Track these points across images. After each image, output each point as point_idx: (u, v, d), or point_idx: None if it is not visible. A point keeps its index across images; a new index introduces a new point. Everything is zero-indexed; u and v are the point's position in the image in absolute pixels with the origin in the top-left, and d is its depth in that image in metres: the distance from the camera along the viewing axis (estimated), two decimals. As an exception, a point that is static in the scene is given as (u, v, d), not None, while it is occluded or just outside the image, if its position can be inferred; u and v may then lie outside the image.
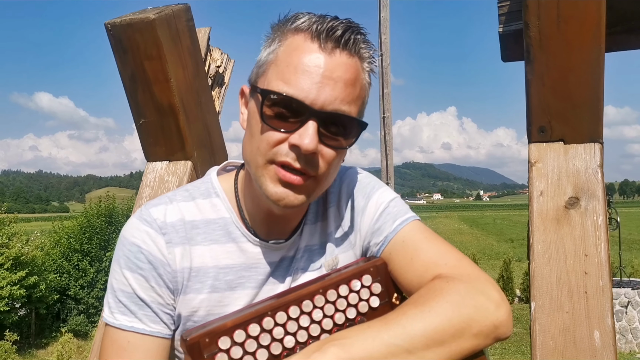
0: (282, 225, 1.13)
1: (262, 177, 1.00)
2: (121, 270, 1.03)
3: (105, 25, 1.51)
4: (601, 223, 1.25)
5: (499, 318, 0.94)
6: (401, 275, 1.08)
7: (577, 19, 1.20)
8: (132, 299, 1.01)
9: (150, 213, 1.06)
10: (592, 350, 1.15)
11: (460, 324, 0.91)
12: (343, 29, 0.96)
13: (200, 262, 1.06)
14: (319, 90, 0.94)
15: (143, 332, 1.01)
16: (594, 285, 1.20)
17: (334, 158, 1.01)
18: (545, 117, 1.33)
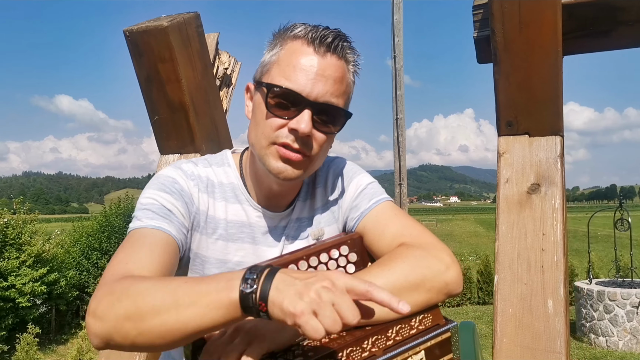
0: (278, 200, 1.33)
1: (265, 156, 1.21)
2: (153, 191, 1.20)
3: (124, 32, 1.71)
4: (558, 206, 1.41)
5: (449, 277, 1.13)
6: (373, 244, 1.28)
7: (536, 25, 1.36)
8: (161, 210, 1.17)
9: (182, 165, 1.28)
10: (546, 316, 1.31)
11: (416, 281, 1.10)
12: (333, 37, 1.18)
13: (214, 212, 1.27)
14: (313, 85, 1.16)
15: (168, 232, 1.14)
16: (549, 260, 1.36)
17: (325, 141, 1.23)
18: (512, 112, 1.50)
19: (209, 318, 0.89)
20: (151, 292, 0.93)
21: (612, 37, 1.53)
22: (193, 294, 0.91)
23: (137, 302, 0.92)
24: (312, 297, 0.83)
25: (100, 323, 0.94)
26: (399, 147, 13.67)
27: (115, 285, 0.97)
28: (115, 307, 0.93)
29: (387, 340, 1.07)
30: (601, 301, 9.16)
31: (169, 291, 0.92)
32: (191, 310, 0.90)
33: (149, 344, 0.94)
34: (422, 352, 1.09)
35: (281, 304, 0.84)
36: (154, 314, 0.91)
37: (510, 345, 1.32)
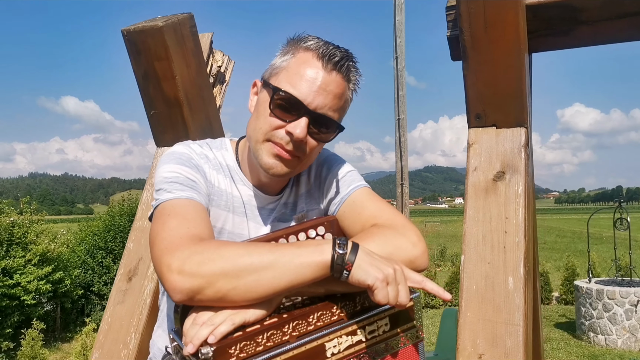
0: (268, 188, 1.46)
1: (259, 150, 1.33)
2: (174, 165, 1.30)
3: (122, 32, 1.83)
4: (521, 192, 1.52)
5: (415, 254, 1.25)
6: (350, 226, 1.40)
7: (500, 25, 1.48)
8: (185, 181, 1.27)
9: (189, 144, 1.40)
10: (506, 292, 1.43)
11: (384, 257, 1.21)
12: (341, 56, 1.31)
13: (218, 185, 1.39)
14: (315, 97, 1.28)
15: (200, 201, 1.24)
16: (511, 241, 1.48)
17: (316, 147, 1.36)
18: (480, 106, 1.61)
19: (301, 275, 1.07)
20: (246, 252, 1.07)
21: (574, 36, 1.64)
22: (287, 255, 1.07)
23: (233, 260, 1.05)
24: (390, 272, 1.08)
25: (191, 279, 1.03)
26: (401, 148, 13.77)
27: (199, 247, 1.08)
28: (207, 265, 1.04)
29: (354, 307, 1.19)
30: (600, 300, 9.23)
31: (264, 252, 1.07)
32: (285, 269, 1.06)
33: (240, 298, 1.06)
34: (386, 318, 1.21)
35: (368, 268, 1.07)
36: (251, 272, 1.05)
37: (474, 319, 1.44)
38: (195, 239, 1.11)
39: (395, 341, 1.22)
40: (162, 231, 1.15)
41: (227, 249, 1.08)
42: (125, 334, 1.81)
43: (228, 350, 1.03)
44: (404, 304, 1.11)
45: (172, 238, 1.11)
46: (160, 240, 1.12)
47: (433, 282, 1.15)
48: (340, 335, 1.15)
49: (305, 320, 1.12)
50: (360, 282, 1.08)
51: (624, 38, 1.65)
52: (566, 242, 31.96)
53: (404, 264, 1.24)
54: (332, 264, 1.07)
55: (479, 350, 1.40)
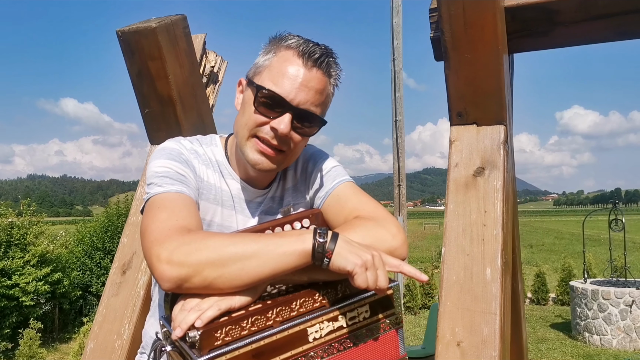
0: (256, 181, 1.52)
1: (245, 146, 1.39)
2: (164, 161, 1.36)
3: (117, 32, 1.89)
4: (499, 187, 1.58)
5: (394, 245, 1.30)
6: (335, 219, 1.46)
7: (478, 26, 1.54)
8: (175, 176, 1.33)
9: (180, 140, 1.47)
10: (484, 282, 1.49)
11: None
12: (320, 53, 1.37)
13: (207, 179, 1.45)
14: (297, 93, 1.34)
15: (189, 195, 1.30)
16: (489, 234, 1.54)
17: (300, 141, 1.41)
18: (461, 104, 1.67)
19: (284, 263, 1.13)
20: (231, 242, 1.13)
21: (551, 37, 1.70)
22: (270, 244, 1.13)
23: (218, 250, 1.11)
24: (368, 258, 1.14)
25: (179, 268, 1.09)
26: (398, 149, 13.82)
27: (186, 238, 1.14)
28: (194, 255, 1.10)
29: (336, 295, 1.25)
30: (595, 300, 9.29)
31: (249, 241, 1.14)
32: (269, 258, 1.12)
33: (226, 286, 1.12)
34: (367, 305, 1.27)
35: (347, 255, 1.13)
36: (236, 260, 1.11)
37: (453, 308, 1.50)
38: (183, 231, 1.17)
39: (375, 327, 1.28)
40: (152, 223, 1.21)
41: (213, 239, 1.14)
42: (119, 325, 1.86)
43: (214, 334, 1.09)
44: (383, 288, 1.17)
45: (161, 230, 1.17)
46: (150, 232, 1.18)
47: (410, 266, 1.21)
48: (322, 321, 1.21)
49: (288, 306, 1.18)
50: (341, 268, 1.14)
51: (599, 39, 1.71)
52: (564, 243, 32.02)
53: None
54: (313, 252, 1.14)
55: (457, 338, 1.46)
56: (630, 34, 1.65)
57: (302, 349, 1.17)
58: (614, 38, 1.69)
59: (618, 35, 1.67)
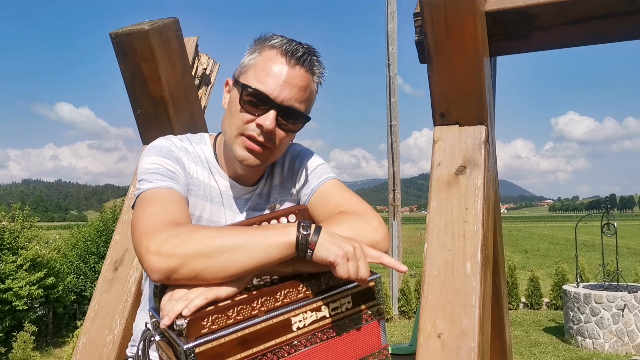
0: (244, 180, 1.57)
1: (233, 144, 1.45)
2: (155, 157, 1.41)
3: (110, 35, 1.94)
4: (480, 185, 1.64)
5: (376, 238, 1.35)
6: (320, 215, 1.51)
7: (459, 29, 1.60)
8: (166, 172, 1.38)
9: (170, 138, 1.52)
10: (464, 276, 1.54)
11: None
12: (303, 52, 1.43)
13: (196, 176, 1.50)
14: (281, 90, 1.40)
15: (179, 191, 1.35)
16: (470, 230, 1.59)
17: (284, 138, 1.47)
18: (444, 104, 1.73)
19: (269, 255, 1.18)
20: (218, 235, 1.18)
21: (530, 40, 1.76)
22: (256, 236, 1.18)
23: (205, 242, 1.16)
24: (350, 249, 1.18)
25: (167, 260, 1.13)
26: (393, 154, 13.90)
27: (175, 230, 1.18)
28: (182, 246, 1.14)
29: (319, 286, 1.29)
30: (588, 304, 9.35)
31: (235, 234, 1.18)
32: (254, 249, 1.17)
33: (213, 276, 1.16)
34: (349, 296, 1.31)
35: (329, 246, 1.18)
36: (223, 252, 1.15)
37: (434, 301, 1.55)
38: (172, 224, 1.22)
39: (358, 317, 1.33)
40: (142, 217, 1.26)
41: (201, 232, 1.19)
42: (110, 320, 1.90)
43: (201, 322, 1.13)
44: (364, 278, 1.21)
45: (151, 223, 1.22)
46: (140, 226, 1.23)
47: (390, 257, 1.28)
48: (305, 311, 1.25)
49: (273, 296, 1.23)
50: (323, 259, 1.19)
51: (577, 43, 1.77)
52: (559, 249, 32.14)
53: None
54: (297, 244, 1.18)
55: (438, 330, 1.51)
56: (606, 37, 1.71)
57: (286, 337, 1.22)
58: (591, 42, 1.75)
59: (595, 38, 1.73)
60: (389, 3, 13.97)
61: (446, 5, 1.58)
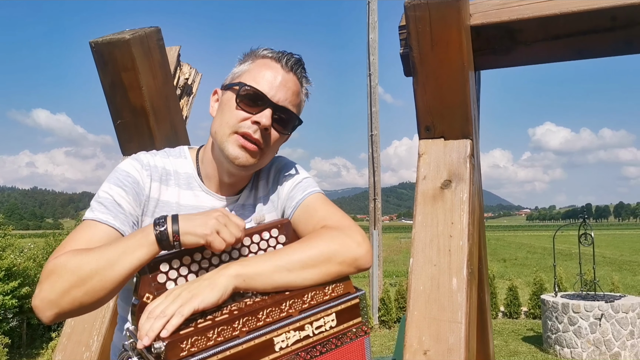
0: (227, 191, 1.55)
1: (226, 142, 1.44)
2: (109, 185, 1.41)
3: (90, 43, 1.90)
4: (465, 199, 1.63)
5: (359, 253, 1.34)
6: (304, 229, 1.49)
7: (444, 43, 1.60)
8: (112, 204, 1.37)
9: (140, 156, 1.50)
10: (450, 292, 1.52)
11: (328, 255, 1.30)
12: (295, 60, 1.48)
13: (167, 198, 1.49)
14: (277, 91, 1.44)
15: (113, 226, 1.34)
16: (455, 245, 1.58)
17: (277, 139, 1.49)
18: (429, 118, 1.72)
19: (136, 259, 1.20)
20: (85, 260, 1.20)
21: (513, 55, 1.77)
22: (118, 249, 1.21)
23: (76, 272, 1.19)
24: (213, 222, 1.22)
25: (48, 299, 1.19)
26: (374, 163, 13.95)
27: (52, 265, 1.21)
28: (58, 283, 1.19)
29: (303, 304, 1.26)
30: (566, 313, 9.45)
31: (99, 254, 1.21)
32: (121, 261, 1.19)
33: (95, 298, 1.21)
34: (333, 314, 1.29)
35: (194, 230, 1.21)
36: (94, 274, 1.19)
37: (420, 317, 1.53)
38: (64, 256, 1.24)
39: (342, 335, 1.30)
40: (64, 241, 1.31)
41: (75, 260, 1.21)
42: (87, 336, 1.84)
43: (180, 345, 1.09)
44: (240, 238, 1.27)
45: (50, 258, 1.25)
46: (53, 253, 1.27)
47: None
48: (288, 331, 1.22)
49: (254, 316, 1.20)
50: (195, 244, 1.23)
51: (559, 58, 1.78)
52: (537, 258, 32.52)
53: (349, 262, 1.33)
54: (158, 241, 1.21)
55: (424, 347, 1.49)
56: (588, 53, 1.73)
57: (269, 358, 1.19)
58: (573, 57, 1.77)
59: (577, 54, 1.74)
60: (370, 14, 14.08)
61: (431, 18, 1.58)
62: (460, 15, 1.57)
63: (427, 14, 1.57)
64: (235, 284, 1.21)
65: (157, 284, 1.27)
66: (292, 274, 1.26)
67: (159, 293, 1.25)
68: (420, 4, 1.57)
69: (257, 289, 1.26)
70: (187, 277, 1.31)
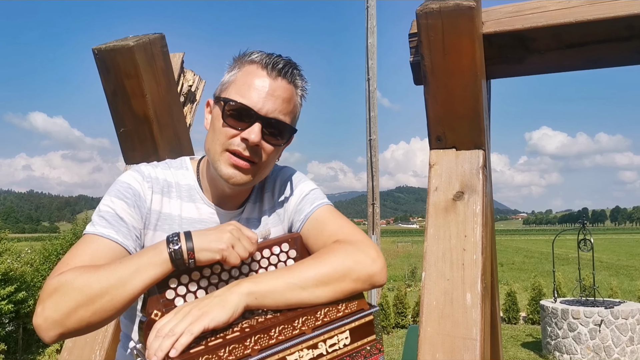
0: (230, 202, 1.50)
1: (218, 162, 1.38)
2: (110, 198, 1.36)
3: (93, 50, 1.86)
4: (478, 211, 1.59)
5: (374, 269, 1.29)
6: (314, 243, 1.44)
7: (457, 52, 1.56)
8: (114, 217, 1.33)
9: (141, 168, 1.45)
10: (464, 307, 1.48)
11: (343, 272, 1.26)
12: (283, 64, 1.39)
13: (169, 210, 1.43)
14: (264, 103, 1.35)
15: (116, 240, 1.29)
16: (469, 258, 1.54)
17: (272, 151, 1.41)
18: (440, 128, 1.68)
19: (147, 278, 1.16)
20: (94, 279, 1.14)
21: (526, 64, 1.73)
22: (130, 267, 1.16)
23: (85, 290, 1.13)
24: (228, 236, 1.20)
25: (52, 318, 1.13)
26: (372, 168, 13.92)
27: (56, 282, 1.16)
28: (63, 302, 1.13)
29: (315, 321, 1.22)
30: (565, 319, 9.41)
31: (109, 272, 1.16)
32: (132, 280, 1.14)
33: (103, 318, 1.16)
34: (347, 331, 1.24)
35: (209, 245, 1.18)
36: (103, 294, 1.13)
37: (433, 333, 1.49)
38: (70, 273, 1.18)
39: (356, 354, 1.26)
40: (64, 257, 1.26)
41: (82, 278, 1.16)
42: (89, 351, 1.80)
43: None
44: (252, 252, 1.25)
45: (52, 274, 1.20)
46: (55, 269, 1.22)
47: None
48: (301, 349, 1.18)
49: (267, 334, 1.16)
50: (210, 261, 1.20)
51: (572, 67, 1.75)
52: (534, 262, 32.51)
53: (364, 279, 1.28)
54: (172, 259, 1.17)
55: (438, 364, 1.44)
56: (603, 62, 1.69)
57: None
58: (587, 66, 1.73)
59: (591, 63, 1.71)
60: (368, 18, 14.09)
61: (444, 26, 1.54)
62: (473, 23, 1.53)
63: (439, 22, 1.54)
64: (247, 302, 1.17)
65: (166, 300, 1.23)
66: (305, 291, 1.22)
67: (167, 310, 1.21)
68: (432, 11, 1.53)
69: (269, 307, 1.22)
70: (196, 293, 1.27)
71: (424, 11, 1.54)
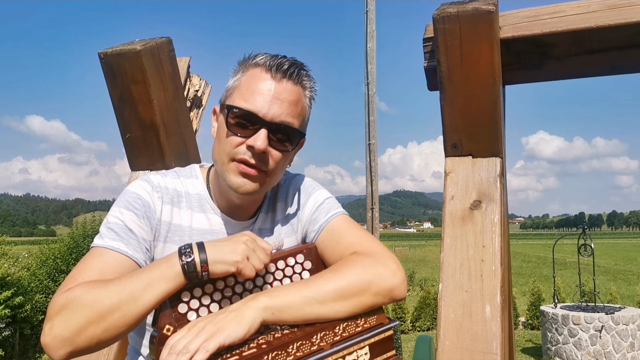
0: (241, 212, 1.45)
1: (226, 172, 1.33)
2: (119, 209, 1.30)
3: (99, 54, 1.81)
4: (497, 221, 1.55)
5: (394, 283, 1.24)
6: (330, 255, 1.39)
7: (475, 58, 1.52)
8: (123, 229, 1.27)
9: (150, 177, 1.39)
10: (483, 321, 1.44)
11: (362, 285, 1.21)
12: (289, 65, 1.32)
13: (179, 221, 1.38)
14: (269, 107, 1.29)
15: (125, 253, 1.24)
16: (488, 269, 1.49)
17: (280, 158, 1.34)
18: (456, 135, 1.64)
19: (161, 292, 1.12)
20: (104, 294, 1.10)
21: (544, 70, 1.69)
22: (141, 281, 1.11)
23: (94, 306, 1.09)
24: (243, 247, 1.16)
25: (61, 336, 1.08)
26: (372, 172, 13.88)
27: (64, 299, 1.11)
28: (72, 319, 1.08)
29: (334, 336, 1.18)
30: (566, 325, 9.37)
31: (120, 287, 1.11)
32: (144, 294, 1.10)
33: (115, 335, 1.11)
34: (366, 347, 1.20)
35: (223, 257, 1.14)
36: (114, 310, 1.09)
37: (452, 347, 1.44)
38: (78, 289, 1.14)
39: None
40: (72, 272, 1.21)
41: (91, 294, 1.11)
42: (94, 364, 1.74)
43: None
44: (267, 263, 1.22)
45: (60, 289, 1.15)
46: (62, 285, 1.17)
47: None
48: None
49: (284, 350, 1.11)
50: (225, 273, 1.16)
51: (591, 73, 1.71)
52: (531, 267, 32.50)
53: (384, 293, 1.24)
54: (185, 272, 1.13)
55: (457, 379, 1.40)
56: (623, 69, 1.66)
57: None
58: (606, 72, 1.70)
59: (611, 69, 1.67)
60: (368, 22, 14.07)
61: (462, 31, 1.50)
62: (492, 28, 1.49)
63: (457, 26, 1.50)
64: (263, 317, 1.12)
65: (178, 314, 1.18)
66: (324, 306, 1.17)
67: (180, 324, 1.16)
68: (450, 16, 1.49)
69: (287, 322, 1.17)
70: (210, 306, 1.22)
71: (442, 15, 1.50)
